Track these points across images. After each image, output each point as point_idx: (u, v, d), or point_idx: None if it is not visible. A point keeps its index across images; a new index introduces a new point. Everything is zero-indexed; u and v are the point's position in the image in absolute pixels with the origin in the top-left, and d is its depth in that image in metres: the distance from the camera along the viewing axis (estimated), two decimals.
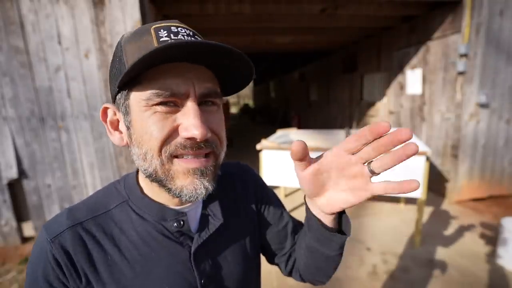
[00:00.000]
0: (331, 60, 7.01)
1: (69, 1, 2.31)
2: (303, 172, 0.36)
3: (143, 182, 0.46)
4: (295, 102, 10.59)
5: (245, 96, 27.48)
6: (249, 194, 0.58)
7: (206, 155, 0.40)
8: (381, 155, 0.32)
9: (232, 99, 25.60)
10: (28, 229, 2.66)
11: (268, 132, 4.47)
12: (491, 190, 3.43)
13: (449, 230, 2.69)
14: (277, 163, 2.68)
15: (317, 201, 0.39)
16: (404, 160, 0.31)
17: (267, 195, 0.61)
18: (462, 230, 2.69)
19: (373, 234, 2.69)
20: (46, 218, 2.61)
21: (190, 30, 0.39)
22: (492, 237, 2.49)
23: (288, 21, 3.81)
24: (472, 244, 2.46)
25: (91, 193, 2.60)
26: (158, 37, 0.36)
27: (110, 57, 2.43)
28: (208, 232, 0.47)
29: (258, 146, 2.71)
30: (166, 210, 0.44)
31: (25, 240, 2.67)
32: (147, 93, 0.36)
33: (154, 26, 0.38)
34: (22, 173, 2.52)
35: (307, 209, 0.44)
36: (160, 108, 0.37)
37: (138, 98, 0.37)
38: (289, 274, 0.63)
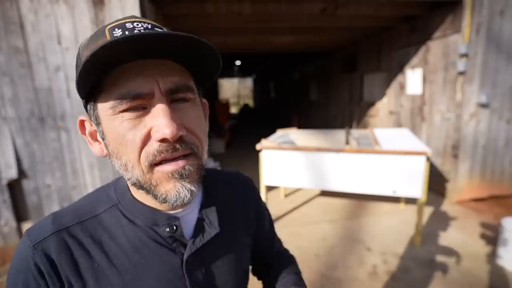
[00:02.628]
0: (331, 60, 7.01)
1: (69, 1, 2.31)
2: None
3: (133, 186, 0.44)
4: (295, 102, 10.59)
5: (245, 96, 27.48)
6: (250, 208, 0.57)
7: (185, 156, 0.37)
8: None
9: (232, 99, 25.58)
10: None
11: (268, 132, 4.47)
12: (492, 190, 3.43)
13: (449, 230, 2.69)
14: (277, 163, 2.68)
15: None
16: None
17: (264, 214, 0.61)
18: (462, 230, 2.69)
19: (373, 234, 2.68)
20: None
21: (148, 24, 0.36)
22: (493, 237, 2.49)
23: (288, 21, 3.81)
24: (472, 244, 2.45)
25: None
26: (112, 38, 0.33)
27: None
28: (202, 240, 0.45)
29: (258, 146, 2.70)
30: (158, 214, 0.42)
31: None
32: (110, 100, 0.34)
33: (109, 27, 0.35)
34: (22, 173, 2.51)
35: None
36: (127, 115, 0.35)
37: (103, 106, 0.35)
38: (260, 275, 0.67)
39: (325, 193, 3.73)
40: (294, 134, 3.31)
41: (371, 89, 5.23)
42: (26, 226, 2.65)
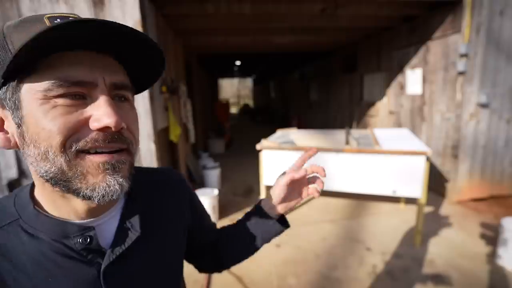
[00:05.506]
0: (331, 60, 7.01)
1: (69, 1, 2.31)
2: (295, 175, 0.54)
3: (41, 194, 0.39)
4: (295, 102, 10.59)
5: (245, 96, 27.48)
6: (182, 203, 0.56)
7: (120, 150, 0.36)
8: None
9: (232, 99, 25.59)
10: None
11: (268, 132, 4.47)
12: (492, 190, 3.43)
13: (449, 230, 2.69)
14: (277, 163, 2.68)
15: (279, 207, 0.59)
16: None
17: (197, 202, 0.63)
18: (462, 230, 2.69)
19: (373, 234, 2.69)
20: None
21: None
22: (492, 237, 2.49)
23: (288, 21, 3.81)
24: (472, 244, 2.45)
25: None
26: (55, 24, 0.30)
27: None
28: (123, 246, 0.41)
29: (258, 146, 2.71)
30: (67, 225, 0.38)
31: None
32: (45, 83, 0.32)
33: (48, 15, 0.34)
34: (22, 173, 2.51)
35: (263, 209, 0.61)
36: (62, 101, 0.32)
37: (33, 89, 0.32)
38: (215, 266, 0.68)
39: (325, 193, 3.73)
40: (294, 134, 3.31)
41: (371, 89, 5.23)
42: None
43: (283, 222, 0.62)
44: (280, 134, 3.34)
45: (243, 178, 4.53)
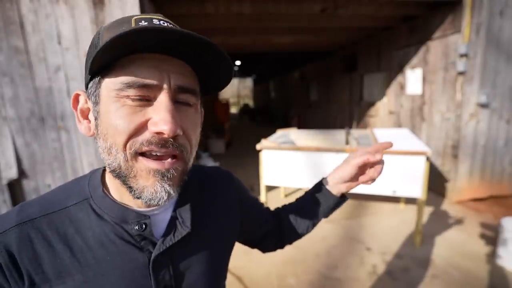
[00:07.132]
0: (331, 60, 7.01)
1: (69, 1, 2.31)
2: (371, 158, 0.58)
3: (110, 180, 0.43)
4: (295, 102, 10.59)
5: (245, 96, 27.46)
6: (231, 200, 0.57)
7: (173, 157, 0.38)
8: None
9: (232, 99, 25.57)
10: None
11: (268, 132, 4.47)
12: (492, 190, 3.43)
13: (449, 230, 2.69)
14: (277, 163, 2.68)
15: (344, 185, 0.61)
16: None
17: (248, 197, 0.64)
18: (462, 230, 2.69)
19: (373, 234, 2.68)
20: None
21: (172, 24, 0.38)
22: (492, 237, 2.49)
23: (288, 21, 3.81)
24: (472, 244, 2.45)
25: None
26: (137, 25, 0.35)
27: None
28: (173, 239, 0.44)
29: (258, 146, 2.71)
30: (127, 211, 0.41)
31: None
32: (118, 82, 0.35)
33: (135, 17, 0.36)
34: (22, 173, 2.51)
35: (326, 187, 0.62)
36: (130, 102, 0.35)
37: (109, 87, 0.36)
38: (275, 247, 0.71)
39: None
40: (294, 134, 3.31)
41: (371, 89, 5.23)
42: None
43: (342, 196, 0.64)
44: (280, 134, 3.34)
45: (243, 178, 4.52)
